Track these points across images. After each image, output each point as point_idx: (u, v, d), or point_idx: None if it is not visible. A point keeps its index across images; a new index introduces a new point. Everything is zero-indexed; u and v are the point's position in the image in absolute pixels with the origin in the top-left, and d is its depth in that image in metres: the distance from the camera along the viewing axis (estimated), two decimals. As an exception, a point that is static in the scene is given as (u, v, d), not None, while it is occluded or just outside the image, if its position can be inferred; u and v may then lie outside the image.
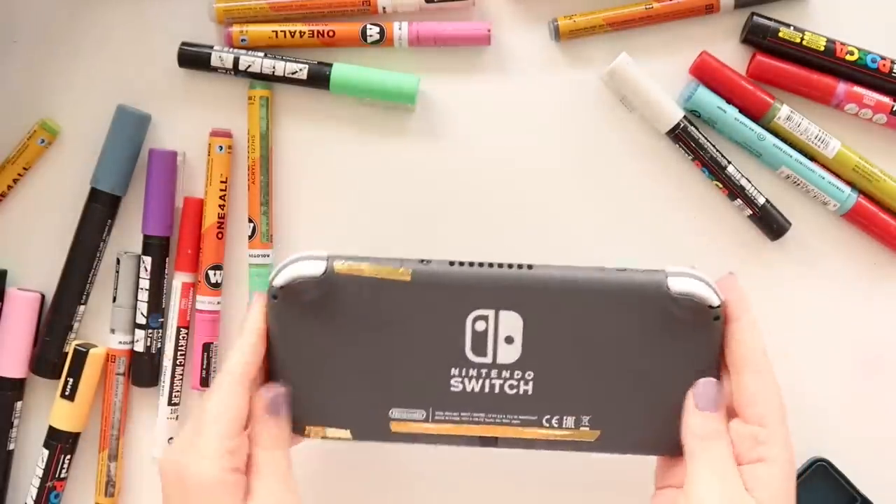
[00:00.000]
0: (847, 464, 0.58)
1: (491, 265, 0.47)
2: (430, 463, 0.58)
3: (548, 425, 0.48)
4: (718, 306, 0.46)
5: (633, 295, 0.46)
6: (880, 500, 0.58)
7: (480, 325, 0.47)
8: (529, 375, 0.47)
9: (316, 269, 0.46)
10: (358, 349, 0.47)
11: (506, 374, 0.47)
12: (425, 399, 0.47)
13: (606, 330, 0.46)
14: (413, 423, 0.48)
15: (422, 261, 0.47)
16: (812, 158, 0.57)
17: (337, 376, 0.47)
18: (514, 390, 0.47)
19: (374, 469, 0.58)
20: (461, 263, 0.47)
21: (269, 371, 0.47)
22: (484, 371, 0.47)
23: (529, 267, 0.46)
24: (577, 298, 0.46)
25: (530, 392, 0.47)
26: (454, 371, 0.47)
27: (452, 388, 0.47)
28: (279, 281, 0.46)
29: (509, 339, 0.47)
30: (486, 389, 0.47)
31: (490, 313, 0.46)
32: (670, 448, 0.47)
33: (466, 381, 0.47)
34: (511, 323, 0.46)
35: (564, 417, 0.48)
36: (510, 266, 0.46)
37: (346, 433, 0.48)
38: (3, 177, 0.56)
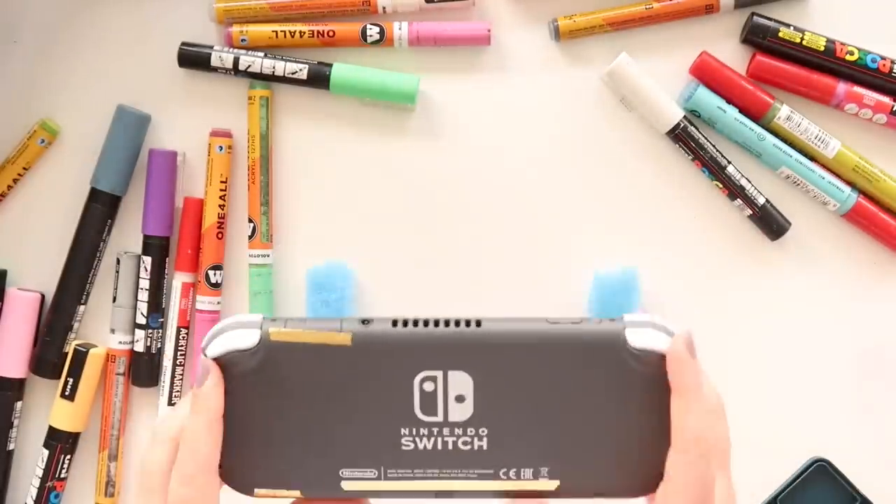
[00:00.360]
0: (847, 464, 0.58)
1: (437, 323, 0.45)
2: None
3: (505, 478, 0.46)
4: None
5: (589, 349, 0.45)
6: (880, 500, 0.58)
7: (429, 386, 0.45)
8: (483, 432, 0.46)
9: (250, 339, 0.44)
10: (303, 413, 0.45)
11: (458, 431, 0.45)
12: (376, 459, 0.46)
13: (562, 383, 0.45)
14: (365, 482, 0.46)
15: (363, 321, 0.45)
16: (812, 158, 0.57)
17: (283, 439, 0.46)
18: (468, 446, 0.46)
19: None
20: (405, 323, 0.45)
21: None
22: (435, 430, 0.45)
23: (478, 324, 0.45)
24: (529, 354, 0.45)
25: (485, 447, 0.46)
26: (404, 430, 0.45)
27: (404, 447, 0.46)
28: (212, 352, 0.44)
29: (460, 398, 0.45)
30: (440, 447, 0.46)
31: (438, 374, 0.45)
32: (632, 490, 0.46)
33: (418, 439, 0.46)
34: (461, 382, 0.45)
35: (522, 469, 0.46)
36: (457, 323, 0.45)
37: (296, 494, 0.47)
38: (3, 177, 0.56)
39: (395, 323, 0.45)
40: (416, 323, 0.45)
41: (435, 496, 0.47)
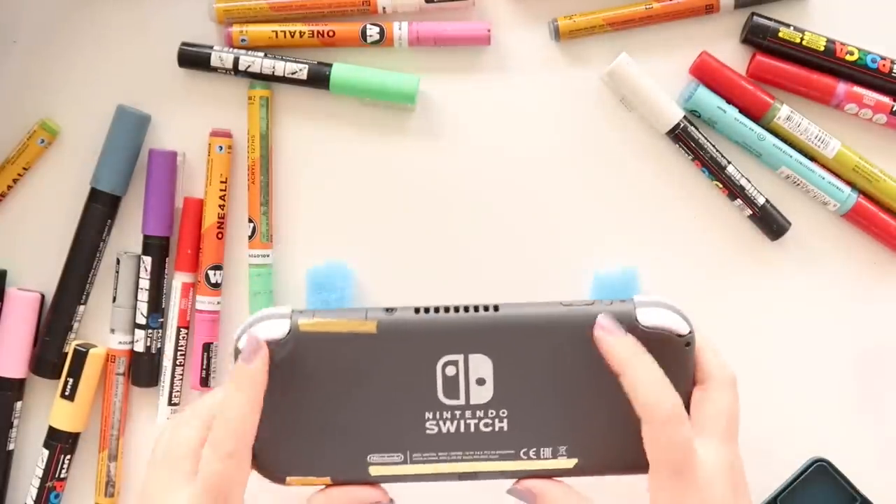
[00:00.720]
0: (847, 464, 0.58)
1: (457, 309, 0.46)
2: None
3: (525, 457, 0.48)
4: (689, 333, 0.46)
5: None
6: (880, 500, 0.58)
7: (451, 370, 0.47)
8: (503, 413, 0.47)
9: (280, 329, 0.46)
10: (331, 401, 0.47)
11: (480, 413, 0.47)
12: (402, 443, 0.48)
13: (577, 363, 0.47)
14: (392, 467, 0.48)
15: (387, 310, 0.47)
16: (812, 158, 0.57)
17: (313, 427, 0.47)
18: (490, 428, 0.47)
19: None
20: (426, 310, 0.46)
21: None
22: (458, 413, 0.47)
23: (496, 308, 0.46)
24: (545, 336, 0.46)
25: (506, 428, 0.47)
26: (428, 415, 0.47)
27: (428, 431, 0.47)
28: (243, 343, 0.46)
29: (480, 381, 0.47)
30: (462, 429, 0.47)
31: (459, 358, 0.47)
32: (645, 467, 0.47)
33: (441, 423, 0.47)
34: (481, 365, 0.47)
35: (542, 449, 0.48)
36: (476, 309, 0.46)
37: (327, 480, 0.48)
38: (3, 177, 0.56)
39: (417, 310, 0.46)
40: (437, 309, 0.46)
41: (458, 478, 0.49)
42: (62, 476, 0.57)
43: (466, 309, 0.46)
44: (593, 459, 0.48)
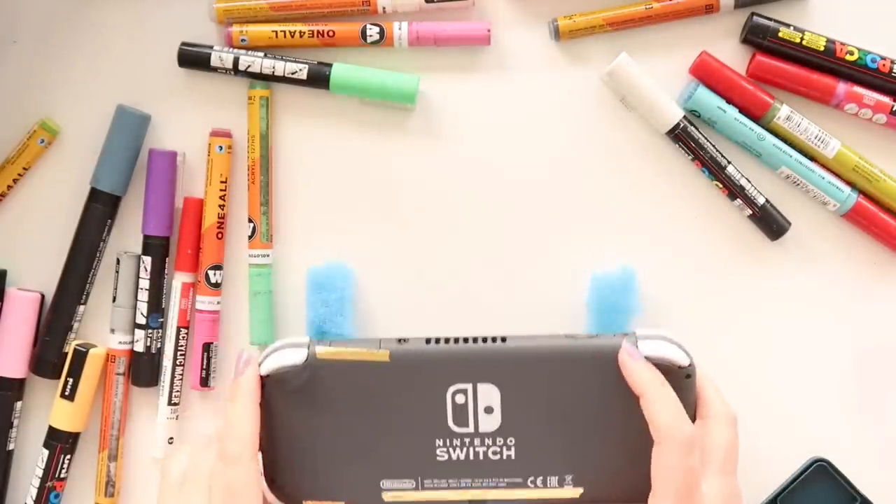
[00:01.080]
0: (847, 464, 0.58)
1: (466, 340, 0.49)
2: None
3: (533, 486, 0.50)
4: (689, 366, 0.48)
5: (605, 361, 0.48)
6: (880, 500, 0.58)
7: (460, 398, 0.49)
8: (511, 441, 0.49)
9: (298, 356, 0.49)
10: (345, 427, 0.49)
11: (488, 441, 0.49)
12: (414, 469, 0.50)
13: (581, 394, 0.49)
14: (404, 493, 0.50)
15: (399, 340, 0.49)
16: (812, 158, 0.57)
17: (328, 453, 0.49)
18: (498, 456, 0.49)
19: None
20: (437, 341, 0.49)
21: (263, 451, 0.49)
22: (467, 440, 0.49)
23: (503, 340, 0.49)
24: (550, 367, 0.49)
25: (513, 457, 0.49)
26: (439, 442, 0.49)
27: (439, 458, 0.49)
28: (264, 370, 0.49)
29: (489, 409, 0.49)
30: (471, 457, 0.49)
31: (468, 387, 0.49)
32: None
33: (451, 450, 0.49)
34: (489, 394, 0.49)
35: (548, 478, 0.50)
36: (484, 340, 0.49)
37: None
38: (3, 177, 0.56)
39: (428, 341, 0.49)
40: (447, 340, 0.49)
41: None
42: (62, 476, 0.57)
43: (475, 340, 0.49)
44: (599, 488, 0.50)
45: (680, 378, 0.48)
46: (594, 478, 0.50)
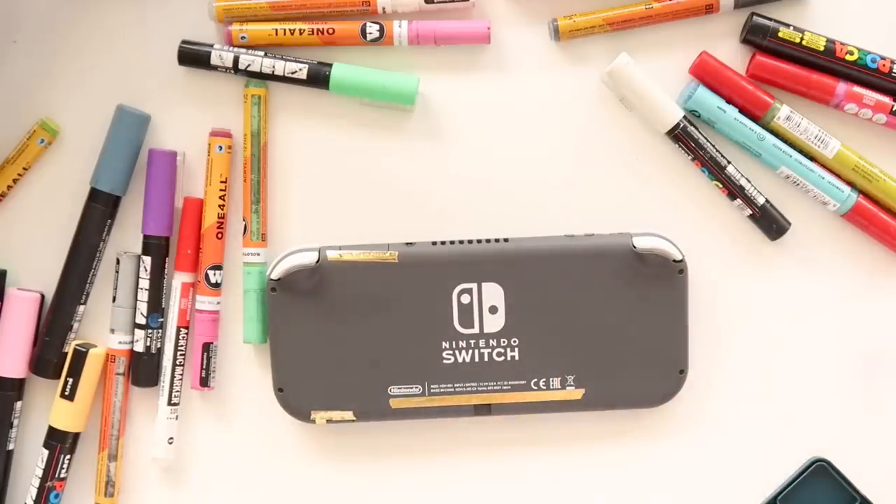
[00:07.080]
0: (847, 464, 0.58)
1: (470, 241, 0.51)
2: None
3: (536, 388, 0.52)
4: (681, 260, 0.51)
5: (603, 256, 0.51)
6: (880, 500, 0.58)
7: (465, 298, 0.51)
8: (514, 342, 0.51)
9: (309, 259, 0.51)
10: (354, 333, 0.51)
11: (493, 342, 0.51)
12: (421, 374, 0.51)
13: (580, 292, 0.51)
14: (411, 399, 0.52)
15: (407, 244, 0.52)
16: (812, 158, 0.57)
17: (337, 361, 0.51)
18: (502, 357, 0.51)
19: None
20: (443, 242, 0.52)
21: (272, 363, 0.50)
22: (472, 342, 0.51)
23: (506, 240, 0.51)
24: (550, 264, 0.51)
25: (517, 357, 0.51)
26: (445, 344, 0.51)
27: (445, 361, 0.51)
28: (276, 274, 0.51)
29: (493, 309, 0.51)
30: (476, 359, 0.51)
31: (473, 286, 0.51)
32: (650, 401, 0.52)
33: (457, 352, 0.51)
34: (493, 293, 0.51)
35: (551, 379, 0.52)
36: (488, 241, 0.51)
37: (349, 414, 0.52)
38: (3, 177, 0.56)
39: (434, 243, 0.52)
40: (452, 242, 0.52)
41: (473, 412, 0.52)
42: (62, 476, 0.57)
43: (480, 241, 0.51)
44: (600, 391, 0.52)
45: (672, 273, 0.51)
46: (595, 379, 0.52)
